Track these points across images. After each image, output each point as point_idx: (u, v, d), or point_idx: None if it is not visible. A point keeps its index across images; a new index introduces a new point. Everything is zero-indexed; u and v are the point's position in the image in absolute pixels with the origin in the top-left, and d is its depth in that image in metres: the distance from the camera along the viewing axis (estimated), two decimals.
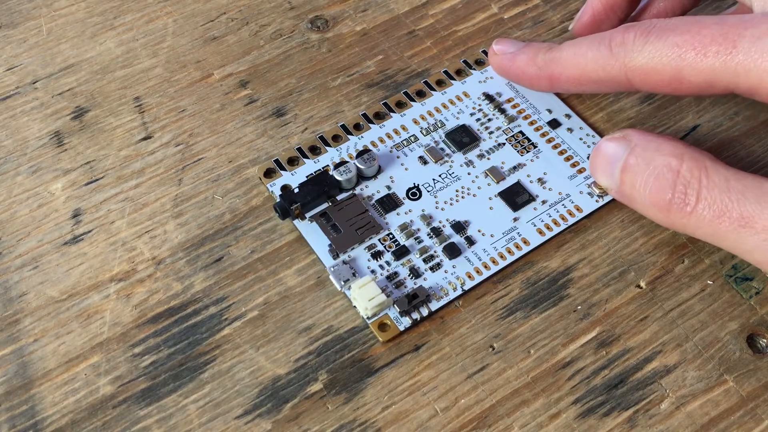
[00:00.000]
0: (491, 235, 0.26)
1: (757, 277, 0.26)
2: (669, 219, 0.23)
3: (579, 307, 0.25)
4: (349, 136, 0.28)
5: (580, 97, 0.30)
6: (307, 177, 0.27)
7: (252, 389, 0.23)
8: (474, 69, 0.30)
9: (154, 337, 0.24)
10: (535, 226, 0.26)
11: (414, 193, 0.27)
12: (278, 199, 0.26)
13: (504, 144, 0.28)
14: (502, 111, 0.29)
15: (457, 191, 0.27)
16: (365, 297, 0.24)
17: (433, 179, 0.27)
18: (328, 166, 0.27)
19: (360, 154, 0.27)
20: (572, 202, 0.27)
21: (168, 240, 0.26)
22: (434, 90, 0.29)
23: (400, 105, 0.29)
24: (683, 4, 0.29)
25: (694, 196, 0.22)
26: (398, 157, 0.28)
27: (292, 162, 0.27)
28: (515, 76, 0.28)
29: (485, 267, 0.25)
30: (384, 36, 0.31)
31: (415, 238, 0.26)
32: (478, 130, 0.28)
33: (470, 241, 0.26)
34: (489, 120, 0.29)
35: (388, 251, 0.25)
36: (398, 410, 0.23)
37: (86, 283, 0.25)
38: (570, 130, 0.28)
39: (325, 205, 0.26)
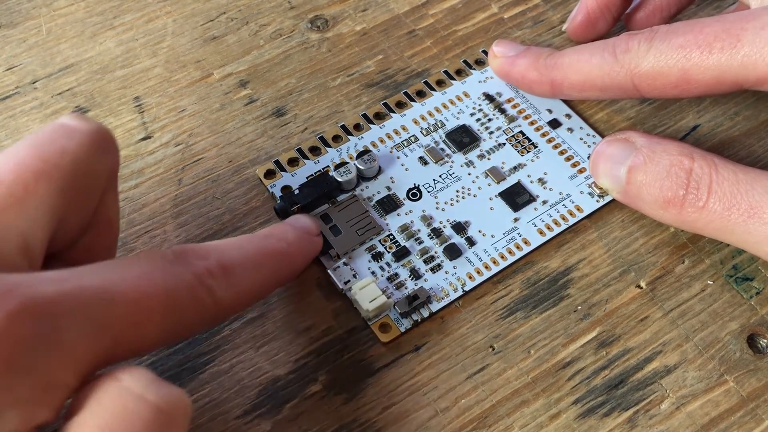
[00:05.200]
0: (492, 236, 0.26)
1: (758, 277, 0.26)
2: (680, 216, 0.23)
3: (579, 307, 0.25)
4: (349, 137, 0.28)
5: None
6: (307, 178, 0.27)
7: (252, 389, 0.23)
8: (474, 69, 0.30)
9: None
10: (535, 226, 0.26)
11: (414, 193, 0.27)
12: (279, 201, 0.26)
13: (504, 144, 0.28)
14: (503, 111, 0.29)
15: (457, 192, 0.27)
16: (366, 298, 0.24)
17: (434, 180, 0.27)
18: (328, 167, 0.27)
19: (360, 154, 0.27)
20: (572, 202, 0.27)
21: (168, 240, 0.26)
22: (434, 90, 0.29)
23: (400, 105, 0.29)
24: (679, 0, 0.30)
25: (705, 191, 0.22)
26: (398, 158, 0.28)
27: (293, 163, 0.27)
28: (516, 80, 0.28)
29: (486, 267, 0.25)
30: (384, 36, 0.31)
31: (416, 239, 0.26)
32: (479, 130, 0.28)
33: (471, 242, 0.26)
34: (489, 120, 0.29)
35: (389, 252, 0.25)
36: (398, 410, 0.23)
37: None
38: (570, 130, 0.28)
39: (325, 207, 0.26)
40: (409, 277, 0.25)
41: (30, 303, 0.15)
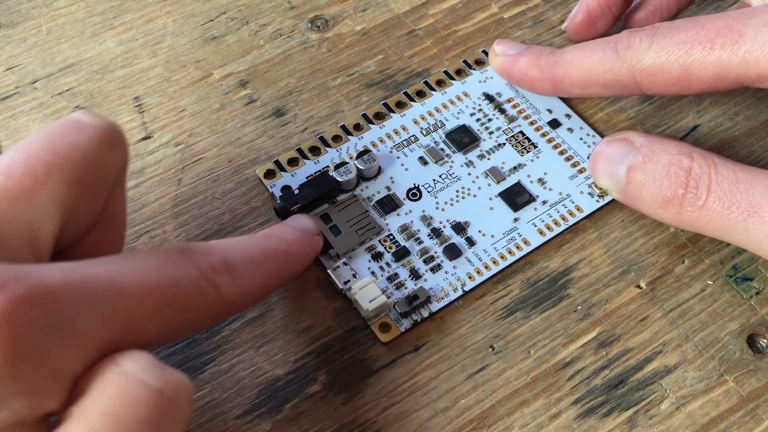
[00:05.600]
0: (492, 236, 0.26)
1: (757, 277, 0.26)
2: (680, 215, 0.23)
3: (579, 308, 0.25)
4: (349, 137, 0.28)
5: (581, 97, 0.30)
6: (307, 178, 0.27)
7: (252, 389, 0.23)
8: (474, 69, 0.30)
9: None
10: (535, 226, 0.26)
11: (414, 193, 0.27)
12: (278, 201, 0.26)
13: (504, 144, 0.28)
14: (502, 111, 0.29)
15: (457, 192, 0.27)
16: (366, 298, 0.24)
17: (434, 180, 0.27)
18: (328, 167, 0.27)
19: (360, 154, 0.27)
20: (572, 202, 0.27)
21: (167, 240, 0.26)
22: (434, 90, 0.29)
23: (400, 105, 0.29)
24: (679, 0, 0.30)
25: (705, 190, 0.23)
26: (398, 158, 0.28)
27: (293, 163, 0.27)
28: (517, 78, 0.28)
29: (486, 267, 0.25)
30: (384, 36, 0.31)
31: (416, 239, 0.26)
32: (478, 130, 0.28)
33: (470, 242, 0.26)
34: (489, 120, 0.29)
35: (389, 252, 0.25)
36: (398, 410, 0.23)
37: None
38: (570, 130, 0.28)
39: (325, 206, 0.26)
40: (409, 277, 0.25)
41: (38, 290, 0.15)
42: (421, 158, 0.28)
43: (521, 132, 0.28)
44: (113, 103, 0.29)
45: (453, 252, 0.25)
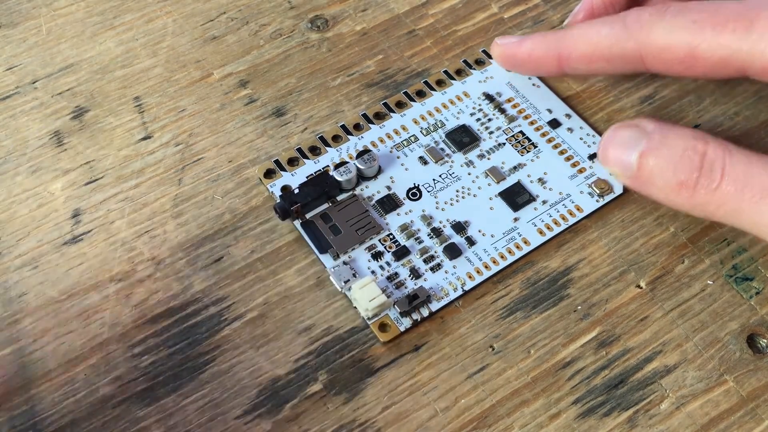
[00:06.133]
0: (491, 236, 0.26)
1: (757, 277, 0.26)
2: (693, 199, 0.23)
3: (579, 307, 0.25)
4: (349, 137, 0.28)
5: (581, 97, 0.30)
6: (307, 177, 0.27)
7: (252, 389, 0.23)
8: (474, 69, 0.30)
9: (154, 337, 0.24)
10: (535, 226, 0.26)
11: (414, 193, 0.27)
12: (278, 200, 0.26)
13: (504, 144, 0.28)
14: (502, 111, 0.29)
15: (457, 191, 0.27)
16: (366, 298, 0.24)
17: (434, 179, 0.27)
18: (328, 166, 0.27)
19: (360, 154, 0.27)
20: (572, 202, 0.27)
21: (168, 240, 0.26)
22: (434, 90, 0.29)
23: (400, 105, 0.29)
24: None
25: (719, 173, 0.22)
26: (398, 158, 0.28)
27: (292, 162, 0.27)
28: (522, 60, 0.28)
29: (486, 267, 0.25)
30: (384, 36, 0.31)
31: (416, 239, 0.26)
32: (478, 130, 0.28)
33: (470, 242, 0.26)
34: (489, 120, 0.29)
35: (389, 252, 0.25)
36: (398, 410, 0.23)
37: (86, 283, 0.25)
38: (570, 129, 0.28)
39: (325, 206, 0.26)
40: (409, 276, 0.25)
41: None
42: (421, 158, 0.28)
43: (521, 132, 0.28)
44: (113, 103, 0.29)
45: (453, 251, 0.25)
